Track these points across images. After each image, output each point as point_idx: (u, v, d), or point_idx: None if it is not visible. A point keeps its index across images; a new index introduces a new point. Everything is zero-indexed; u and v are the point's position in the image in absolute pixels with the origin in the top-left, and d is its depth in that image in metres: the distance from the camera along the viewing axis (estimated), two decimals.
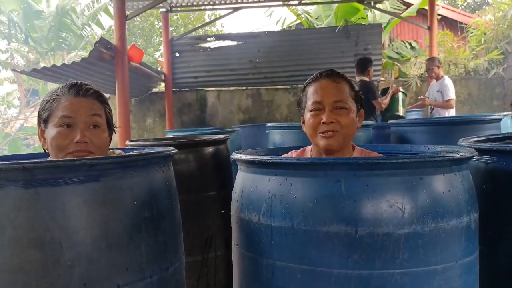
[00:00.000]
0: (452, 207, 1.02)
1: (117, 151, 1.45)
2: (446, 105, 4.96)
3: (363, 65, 4.62)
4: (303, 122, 1.52)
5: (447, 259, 1.01)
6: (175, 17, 15.32)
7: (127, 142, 2.42)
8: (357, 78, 4.58)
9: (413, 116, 5.19)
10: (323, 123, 1.40)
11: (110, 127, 1.39)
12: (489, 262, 1.26)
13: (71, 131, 1.26)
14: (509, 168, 1.25)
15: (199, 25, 13.34)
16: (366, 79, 4.56)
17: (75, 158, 1.00)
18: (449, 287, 1.02)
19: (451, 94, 4.96)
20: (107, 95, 6.68)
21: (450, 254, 1.02)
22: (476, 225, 1.10)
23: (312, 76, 1.52)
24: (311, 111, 1.44)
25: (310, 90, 1.48)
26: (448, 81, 5.05)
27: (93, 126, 1.29)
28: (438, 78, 5.13)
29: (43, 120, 1.30)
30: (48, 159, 1.28)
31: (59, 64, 4.82)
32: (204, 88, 7.33)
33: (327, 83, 1.45)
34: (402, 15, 8.17)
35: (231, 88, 7.37)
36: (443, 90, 5.01)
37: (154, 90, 7.53)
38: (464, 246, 1.05)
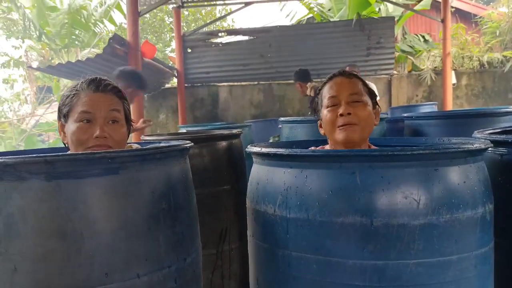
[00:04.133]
0: (467, 198, 1.03)
1: (135, 145, 1.48)
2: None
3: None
4: (320, 126, 1.54)
5: (462, 249, 1.02)
6: (186, 13, 15.34)
7: (142, 137, 2.45)
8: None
9: (427, 109, 5.15)
10: (341, 115, 1.41)
11: (128, 122, 1.41)
12: (504, 253, 1.26)
13: (90, 126, 1.29)
14: None
15: (210, 20, 13.35)
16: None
17: (95, 152, 1.02)
18: (464, 278, 1.02)
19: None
20: None
21: (465, 245, 1.02)
22: (491, 217, 1.10)
23: (325, 80, 1.55)
24: (327, 107, 1.46)
25: (325, 89, 1.50)
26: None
27: (112, 121, 1.32)
28: None
29: (64, 115, 1.32)
30: (68, 153, 1.31)
31: (73, 60, 4.88)
32: (216, 84, 7.35)
33: (341, 79, 1.48)
34: (415, 8, 8.09)
35: (243, 83, 7.38)
36: None
37: (167, 85, 7.58)
38: (479, 237, 1.05)
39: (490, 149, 1.35)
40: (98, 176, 0.99)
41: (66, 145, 1.36)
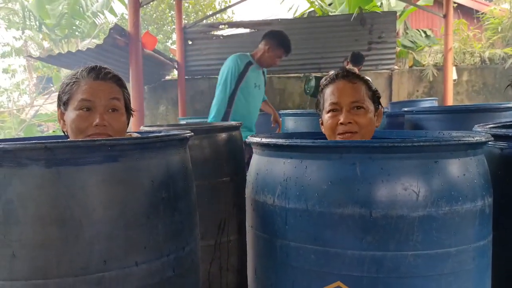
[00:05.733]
0: (466, 191, 1.03)
1: (134, 134, 1.48)
2: None
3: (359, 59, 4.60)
4: (322, 124, 1.53)
5: (461, 242, 1.02)
6: (186, 4, 15.28)
7: (142, 128, 2.44)
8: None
9: (427, 104, 5.14)
10: (341, 123, 1.41)
11: (128, 111, 1.41)
12: (502, 247, 1.26)
13: (90, 114, 1.28)
14: None
15: (210, 12, 13.30)
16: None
17: (95, 139, 1.02)
18: (462, 270, 1.03)
19: None
20: None
21: (463, 237, 1.02)
22: (490, 210, 1.11)
23: (328, 78, 1.53)
24: (328, 112, 1.45)
25: (327, 91, 1.49)
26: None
27: (112, 109, 1.32)
28: None
29: (63, 103, 1.32)
30: (68, 140, 1.30)
31: (73, 51, 4.86)
32: (216, 76, 7.33)
33: (343, 84, 1.46)
34: (417, 3, 8.06)
35: None
36: None
37: (167, 77, 7.56)
38: (477, 230, 1.05)
39: (490, 143, 1.35)
40: (98, 163, 0.99)
41: (66, 133, 1.36)
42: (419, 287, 1.00)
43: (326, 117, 1.47)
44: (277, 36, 3.38)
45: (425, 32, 8.84)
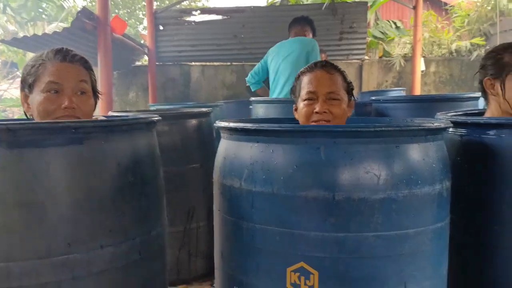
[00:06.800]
0: (425, 175, 1.07)
1: (101, 118, 1.46)
2: None
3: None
4: (295, 110, 1.56)
5: (419, 224, 1.06)
6: None
7: (110, 113, 2.41)
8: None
9: (395, 94, 5.25)
10: (316, 112, 1.44)
11: (95, 94, 1.39)
12: (459, 230, 1.32)
13: (58, 97, 1.26)
14: (482, 140, 1.30)
15: None
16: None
17: (59, 121, 1.00)
18: (420, 250, 1.07)
19: None
20: None
21: (422, 219, 1.07)
22: (448, 193, 1.15)
23: (307, 66, 1.56)
24: (304, 100, 1.49)
25: (305, 79, 1.52)
26: None
27: (81, 92, 1.30)
28: None
29: (28, 85, 1.29)
30: (32, 121, 1.28)
31: (39, 34, 4.71)
32: (188, 63, 7.26)
33: (321, 73, 1.50)
34: None
35: (216, 63, 7.31)
36: None
37: (137, 63, 7.42)
38: (435, 212, 1.10)
39: (451, 130, 1.40)
40: (62, 145, 0.98)
41: (30, 117, 1.33)
42: (379, 267, 1.04)
43: (301, 104, 1.50)
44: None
45: (395, 23, 8.97)
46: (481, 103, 2.73)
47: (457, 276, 1.33)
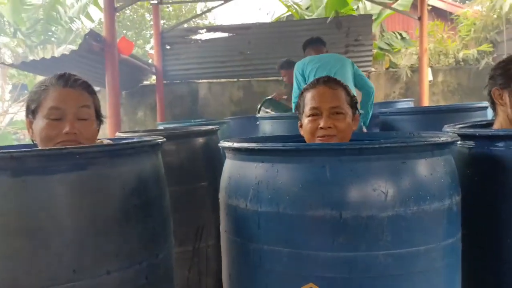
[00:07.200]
0: (434, 190, 1.05)
1: (106, 141, 1.46)
2: None
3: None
4: (301, 126, 1.56)
5: (430, 240, 1.04)
6: (168, 9, 15.20)
7: (117, 134, 2.42)
8: None
9: (403, 105, 5.22)
10: (321, 128, 1.44)
11: (99, 118, 1.39)
12: (472, 245, 1.29)
13: (60, 123, 1.26)
14: (491, 153, 1.28)
15: (190, 16, 13.24)
16: None
17: (62, 147, 1.00)
18: (432, 268, 1.04)
19: None
20: (97, 88, 6.64)
21: (432, 235, 1.04)
22: (458, 208, 1.13)
23: (310, 83, 1.57)
24: (309, 116, 1.49)
25: (308, 96, 1.52)
26: None
27: (82, 118, 1.29)
28: None
29: (32, 111, 1.30)
30: (35, 149, 1.28)
31: (48, 57, 4.79)
32: (195, 81, 7.31)
33: (324, 89, 1.50)
34: (394, 6, 8.19)
35: (222, 80, 7.36)
36: None
37: (145, 82, 7.50)
38: (446, 228, 1.07)
39: (459, 142, 1.38)
40: (66, 172, 0.98)
41: (34, 142, 1.34)
42: (391, 286, 1.02)
43: (306, 121, 1.50)
44: None
45: (400, 35, 8.97)
46: (490, 113, 2.70)
47: None
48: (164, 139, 1.29)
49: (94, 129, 1.35)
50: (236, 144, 1.18)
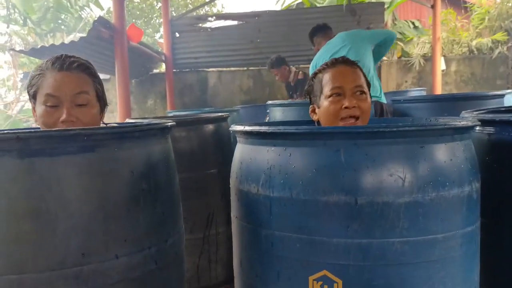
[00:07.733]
0: (453, 176, 1.01)
1: (113, 125, 1.43)
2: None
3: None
4: (313, 111, 1.50)
5: (448, 228, 1.00)
6: None
7: (127, 120, 2.40)
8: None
9: (416, 94, 5.14)
10: (346, 107, 1.38)
11: (101, 100, 1.33)
12: (490, 233, 1.25)
13: (57, 110, 1.21)
14: None
15: (199, 4, 13.16)
16: None
17: (70, 128, 0.98)
18: (449, 256, 1.01)
19: None
20: (107, 76, 6.63)
21: (451, 223, 1.00)
22: (477, 195, 1.09)
23: (324, 64, 1.50)
24: (329, 97, 1.42)
25: (327, 76, 1.45)
26: None
27: (80, 104, 1.24)
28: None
29: (32, 96, 1.26)
30: (42, 130, 1.25)
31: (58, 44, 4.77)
32: (205, 69, 7.27)
33: (345, 68, 1.44)
34: None
35: (232, 68, 7.31)
36: None
37: (155, 71, 7.48)
38: (465, 215, 1.03)
39: (478, 129, 1.33)
40: (73, 154, 0.96)
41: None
42: (406, 274, 0.99)
43: (326, 102, 1.42)
44: None
45: (413, 23, 8.83)
46: (506, 101, 2.64)
47: (488, 282, 1.26)
48: (174, 123, 1.27)
49: (94, 114, 1.28)
50: (247, 128, 1.15)
